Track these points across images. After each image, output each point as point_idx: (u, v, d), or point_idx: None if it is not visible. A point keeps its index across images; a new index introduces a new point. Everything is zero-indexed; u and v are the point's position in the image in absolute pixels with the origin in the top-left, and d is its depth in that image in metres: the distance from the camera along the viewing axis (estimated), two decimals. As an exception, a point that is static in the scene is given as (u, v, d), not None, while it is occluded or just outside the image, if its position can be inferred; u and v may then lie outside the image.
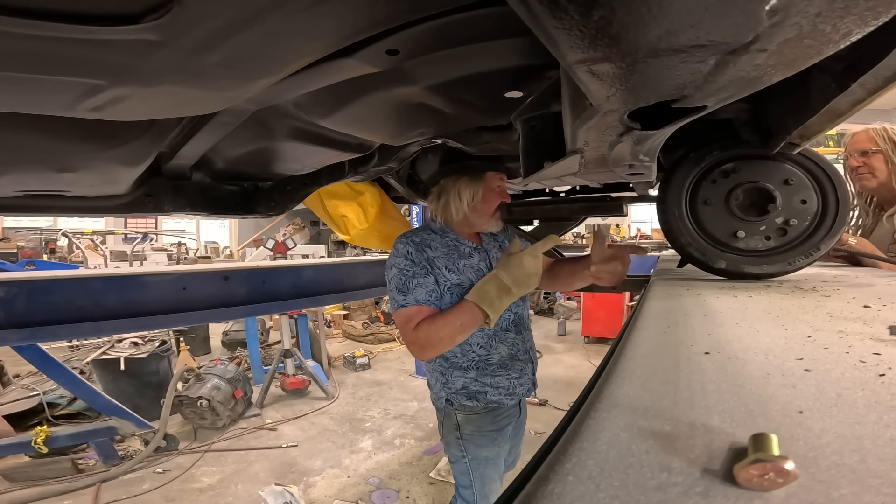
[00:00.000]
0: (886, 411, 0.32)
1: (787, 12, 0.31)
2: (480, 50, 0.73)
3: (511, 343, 1.49)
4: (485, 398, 1.44)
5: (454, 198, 1.44)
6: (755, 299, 0.85)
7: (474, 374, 1.44)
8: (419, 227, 1.52)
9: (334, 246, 9.14)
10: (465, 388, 1.45)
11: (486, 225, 1.49)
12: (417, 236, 1.42)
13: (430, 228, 1.49)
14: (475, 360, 1.45)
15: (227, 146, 1.22)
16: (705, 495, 0.23)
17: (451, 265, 1.40)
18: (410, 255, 1.36)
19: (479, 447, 1.48)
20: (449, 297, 1.38)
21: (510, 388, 1.48)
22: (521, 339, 1.53)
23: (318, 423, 3.89)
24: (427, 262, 1.37)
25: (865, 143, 1.82)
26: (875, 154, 1.79)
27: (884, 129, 1.79)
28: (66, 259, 8.03)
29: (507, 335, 1.49)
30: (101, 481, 2.89)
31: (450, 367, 1.46)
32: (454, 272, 1.39)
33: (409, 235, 1.43)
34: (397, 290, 1.34)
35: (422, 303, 1.31)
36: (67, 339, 4.22)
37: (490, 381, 1.45)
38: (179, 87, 0.66)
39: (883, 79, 0.67)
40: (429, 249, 1.39)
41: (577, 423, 0.33)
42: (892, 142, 1.77)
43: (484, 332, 1.45)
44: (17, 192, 1.28)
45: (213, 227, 15.74)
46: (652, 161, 0.78)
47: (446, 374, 1.46)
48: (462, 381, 1.45)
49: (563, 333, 6.88)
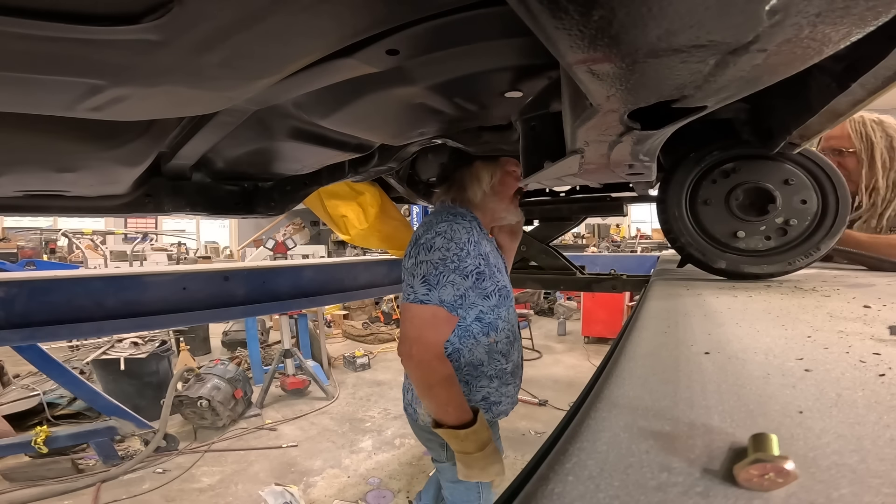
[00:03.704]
0: (886, 411, 0.32)
1: (787, 12, 0.31)
2: (480, 50, 0.73)
3: (519, 350, 1.44)
4: (498, 409, 1.36)
5: (472, 180, 1.32)
6: (755, 299, 0.85)
7: (497, 384, 1.34)
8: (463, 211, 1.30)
9: (334, 246, 9.15)
10: (485, 398, 1.33)
11: (506, 213, 1.36)
12: (477, 221, 1.23)
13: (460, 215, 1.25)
14: (498, 368, 1.34)
15: (227, 146, 1.22)
16: (705, 495, 0.23)
17: (497, 263, 1.28)
18: (467, 246, 1.16)
19: None
20: (496, 300, 1.26)
21: (513, 397, 1.44)
22: (520, 346, 1.50)
23: (318, 423, 3.89)
24: (484, 257, 1.21)
25: (840, 141, 1.64)
26: (850, 155, 1.62)
27: (862, 125, 1.61)
28: (66, 259, 8.03)
29: (517, 342, 1.44)
30: (101, 481, 2.89)
31: (477, 377, 1.30)
32: (500, 271, 1.27)
33: (469, 218, 1.21)
34: (423, 279, 1.14)
35: (445, 304, 1.13)
36: (67, 339, 4.22)
37: (504, 390, 1.37)
38: (179, 87, 0.66)
39: (883, 79, 0.67)
40: (486, 240, 1.24)
41: (577, 423, 0.33)
42: (868, 140, 1.59)
43: (507, 339, 1.35)
44: (17, 192, 1.28)
45: (213, 227, 15.75)
46: (652, 161, 0.78)
47: (471, 384, 1.30)
48: (485, 391, 1.33)
49: (563, 333, 6.88)
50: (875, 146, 1.59)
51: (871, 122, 1.61)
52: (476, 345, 1.28)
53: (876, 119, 1.62)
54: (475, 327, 1.28)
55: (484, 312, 1.28)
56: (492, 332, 1.30)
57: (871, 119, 1.62)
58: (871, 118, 1.62)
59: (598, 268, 2.51)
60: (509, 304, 1.35)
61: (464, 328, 1.27)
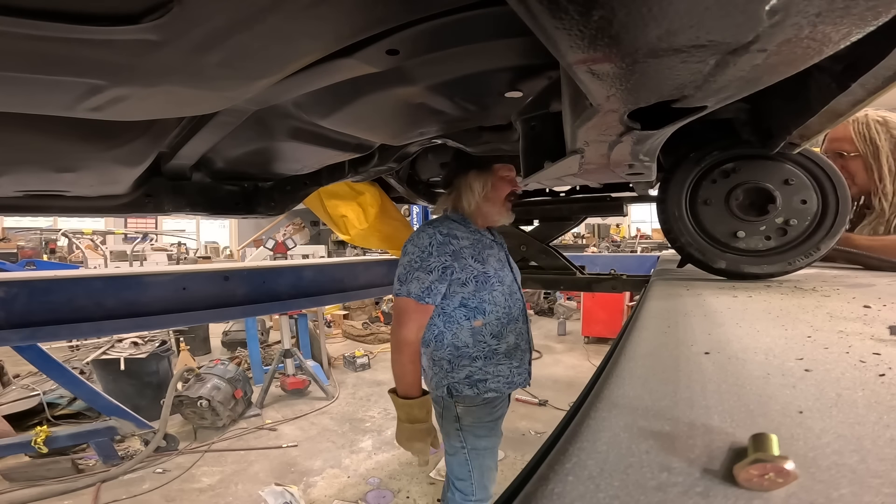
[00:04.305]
0: (886, 411, 0.32)
1: (787, 12, 0.31)
2: (480, 50, 0.73)
3: (518, 332, 1.55)
4: (485, 386, 1.48)
5: (466, 190, 1.50)
6: (755, 299, 0.85)
7: (481, 363, 1.48)
8: (442, 218, 1.55)
9: (334, 246, 9.14)
10: (468, 376, 1.48)
11: (498, 215, 1.54)
12: (445, 227, 1.46)
13: (451, 219, 1.53)
14: (485, 349, 1.48)
15: (227, 146, 1.22)
16: (705, 495, 0.23)
17: (476, 255, 1.46)
18: (429, 248, 1.40)
19: (479, 437, 1.52)
20: (473, 286, 1.44)
21: (509, 376, 1.53)
22: (525, 329, 1.60)
23: (318, 423, 3.88)
24: (451, 254, 1.41)
25: (843, 143, 1.58)
26: (853, 158, 1.56)
27: (866, 126, 1.54)
28: (66, 259, 8.04)
29: (516, 325, 1.54)
30: (101, 481, 2.88)
31: (459, 357, 1.48)
32: (479, 262, 1.46)
33: (435, 226, 1.47)
34: (397, 278, 1.43)
35: (412, 296, 1.38)
36: (67, 339, 4.22)
37: (493, 369, 1.49)
38: (179, 87, 0.66)
39: (883, 79, 0.67)
40: (455, 240, 1.44)
41: (577, 423, 0.33)
42: (873, 144, 1.53)
43: (500, 321, 1.49)
44: (17, 192, 1.28)
45: (213, 227, 15.75)
46: (652, 161, 0.78)
47: (454, 363, 1.49)
48: (468, 370, 1.48)
49: (563, 333, 6.88)
50: (880, 150, 1.53)
51: (875, 123, 1.55)
52: (460, 329, 1.47)
53: (880, 118, 1.55)
54: (459, 313, 1.47)
55: (466, 298, 1.46)
56: (478, 316, 1.47)
57: (875, 119, 1.55)
58: (876, 117, 1.56)
59: (598, 268, 2.51)
60: (492, 289, 1.48)
61: (448, 314, 1.47)
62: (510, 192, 1.52)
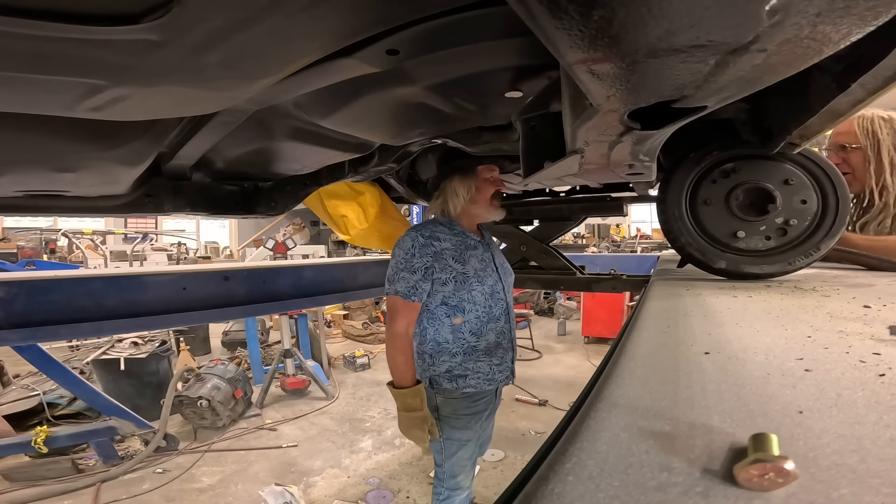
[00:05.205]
0: (886, 411, 0.32)
1: (787, 12, 0.31)
2: (480, 50, 0.73)
3: (499, 331, 1.60)
4: (464, 382, 1.55)
5: (451, 195, 1.57)
6: (755, 299, 0.85)
7: (460, 359, 1.55)
8: (428, 221, 1.63)
9: (334, 246, 9.14)
10: (448, 371, 1.55)
11: (486, 214, 1.60)
12: (427, 230, 1.53)
13: (437, 221, 1.60)
14: (465, 346, 1.55)
15: (227, 146, 1.22)
16: (705, 495, 0.23)
17: (458, 255, 1.53)
18: (412, 250, 1.49)
19: (455, 429, 1.59)
20: (452, 286, 1.51)
21: (490, 373, 1.58)
22: (507, 328, 1.64)
23: (318, 423, 3.88)
24: (433, 255, 1.49)
25: (846, 137, 1.60)
26: (854, 150, 1.58)
27: (870, 122, 1.57)
28: (66, 259, 8.04)
29: (497, 324, 1.59)
30: (101, 481, 2.88)
31: (440, 352, 1.56)
32: (460, 262, 1.52)
33: (418, 230, 1.54)
34: (387, 278, 1.53)
35: (399, 294, 1.47)
36: (67, 339, 4.22)
37: (473, 365, 1.55)
38: (179, 87, 0.66)
39: (883, 79, 0.67)
40: (437, 242, 1.51)
41: (577, 423, 0.33)
42: (875, 137, 1.56)
43: (479, 320, 1.55)
44: (17, 192, 1.28)
45: (213, 227, 15.75)
46: (652, 161, 0.78)
47: (435, 357, 1.57)
48: (448, 365, 1.55)
49: (563, 333, 6.87)
50: (882, 143, 1.56)
51: (880, 119, 1.58)
52: (441, 325, 1.55)
53: (885, 116, 1.59)
54: (441, 310, 1.54)
55: (447, 297, 1.53)
56: (458, 314, 1.54)
57: (880, 116, 1.58)
58: (881, 115, 1.59)
59: (598, 268, 2.51)
60: (471, 289, 1.54)
61: (431, 311, 1.55)
62: (495, 191, 1.57)
